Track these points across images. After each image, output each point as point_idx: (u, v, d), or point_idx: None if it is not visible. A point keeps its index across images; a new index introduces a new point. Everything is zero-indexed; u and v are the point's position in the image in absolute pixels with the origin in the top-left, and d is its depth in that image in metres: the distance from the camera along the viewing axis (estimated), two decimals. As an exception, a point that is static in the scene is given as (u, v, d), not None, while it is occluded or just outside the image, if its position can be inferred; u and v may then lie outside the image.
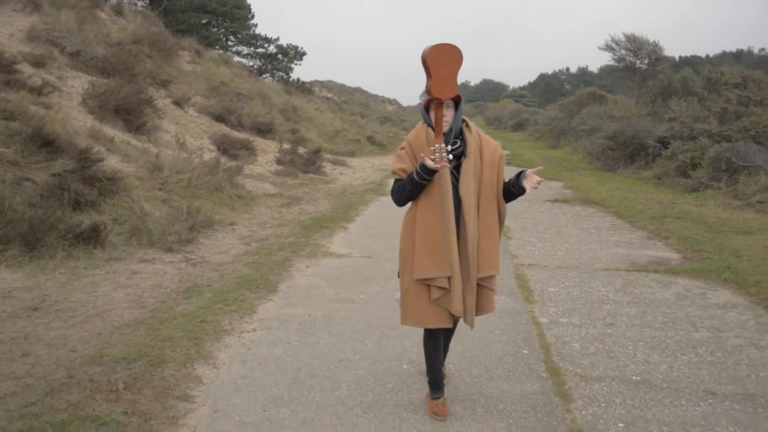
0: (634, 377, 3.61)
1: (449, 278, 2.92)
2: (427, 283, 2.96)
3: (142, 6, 26.68)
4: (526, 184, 2.93)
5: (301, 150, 16.00)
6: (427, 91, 2.79)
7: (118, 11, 20.18)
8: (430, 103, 2.92)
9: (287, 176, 12.95)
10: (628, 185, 13.19)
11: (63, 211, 6.81)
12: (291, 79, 39.69)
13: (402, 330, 4.21)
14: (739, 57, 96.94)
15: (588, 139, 20.19)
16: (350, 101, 53.02)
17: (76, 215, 7.08)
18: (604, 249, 7.09)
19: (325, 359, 3.76)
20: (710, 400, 3.34)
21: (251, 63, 38.36)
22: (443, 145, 2.76)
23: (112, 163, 8.97)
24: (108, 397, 3.08)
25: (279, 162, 14.08)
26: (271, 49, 40.56)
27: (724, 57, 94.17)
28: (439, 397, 3.19)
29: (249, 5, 39.48)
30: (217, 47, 33.35)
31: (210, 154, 12.42)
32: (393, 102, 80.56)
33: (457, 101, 2.97)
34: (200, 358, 3.67)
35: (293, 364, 3.67)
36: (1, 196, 6.57)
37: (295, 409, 3.12)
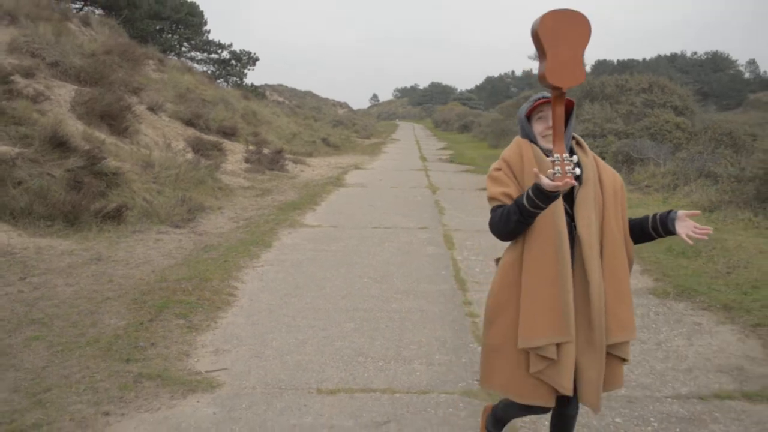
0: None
1: (558, 345, 2.22)
2: (529, 350, 2.26)
3: (99, 15, 27.85)
4: (680, 229, 2.27)
5: (266, 150, 17.83)
6: (540, 77, 2.04)
7: (85, 22, 21.48)
8: (533, 112, 2.39)
9: (256, 173, 14.78)
10: (549, 177, 15.52)
11: (87, 198, 8.55)
12: (244, 84, 41.03)
13: (363, 263, 6.25)
14: (673, 60, 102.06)
15: (521, 139, 22.57)
16: (302, 105, 54.53)
17: (95, 202, 8.81)
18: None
19: (314, 278, 5.76)
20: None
21: (205, 68, 39.54)
22: (566, 154, 1.99)
23: (109, 161, 10.64)
24: (183, 293, 4.99)
25: (247, 161, 15.89)
26: (225, 54, 41.83)
27: (660, 60, 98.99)
28: None
29: (202, 12, 40.66)
30: (171, 54, 34.51)
31: (187, 155, 14.16)
32: (344, 105, 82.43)
33: (568, 110, 2.33)
34: (231, 278, 5.61)
35: (294, 281, 5.65)
36: (41, 185, 8.26)
37: (301, 298, 5.11)
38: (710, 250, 6.49)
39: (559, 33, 1.98)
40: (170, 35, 38.72)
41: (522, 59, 70.71)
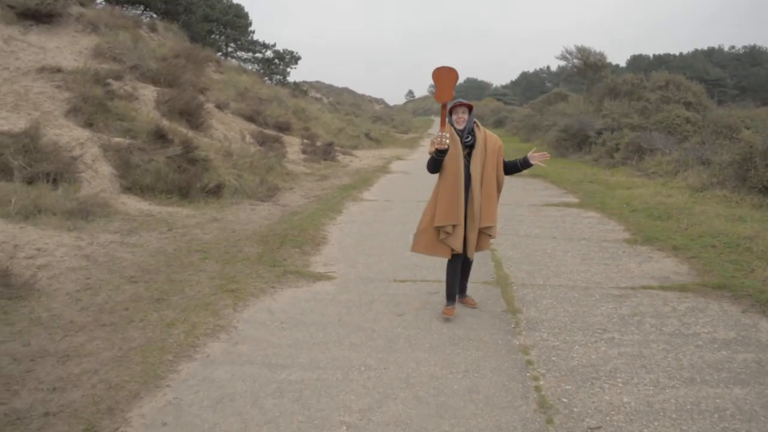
0: (523, 233, 7.78)
1: (454, 226, 4.41)
2: (438, 227, 4.47)
3: (157, 19, 30.39)
4: (533, 161, 4.57)
5: (318, 143, 20.11)
6: (434, 97, 4.20)
7: (152, 28, 23.97)
8: (453, 109, 4.42)
9: (312, 162, 17.06)
10: (570, 165, 17.44)
11: (193, 178, 10.83)
12: (287, 82, 43.30)
13: (412, 223, 8.38)
14: (710, 54, 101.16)
15: (549, 132, 24.49)
16: (341, 102, 56.73)
17: (198, 182, 11.07)
18: (533, 197, 11.30)
19: (379, 231, 7.95)
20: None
21: (249, 67, 41.88)
22: (444, 132, 4.13)
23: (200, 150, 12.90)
24: (292, 236, 7.22)
25: (304, 152, 18.19)
26: (268, 54, 44.10)
27: (696, 55, 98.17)
28: (449, 305, 4.77)
29: (247, 13, 43.00)
30: (219, 54, 36.91)
31: (257, 147, 16.48)
32: (380, 102, 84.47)
33: (470, 108, 4.43)
34: (320, 230, 7.82)
35: (365, 232, 7.85)
36: (158, 168, 10.58)
37: (373, 241, 7.31)
38: (679, 214, 8.47)
39: (441, 76, 4.17)
40: (218, 36, 41.00)
41: (558, 53, 71.65)
